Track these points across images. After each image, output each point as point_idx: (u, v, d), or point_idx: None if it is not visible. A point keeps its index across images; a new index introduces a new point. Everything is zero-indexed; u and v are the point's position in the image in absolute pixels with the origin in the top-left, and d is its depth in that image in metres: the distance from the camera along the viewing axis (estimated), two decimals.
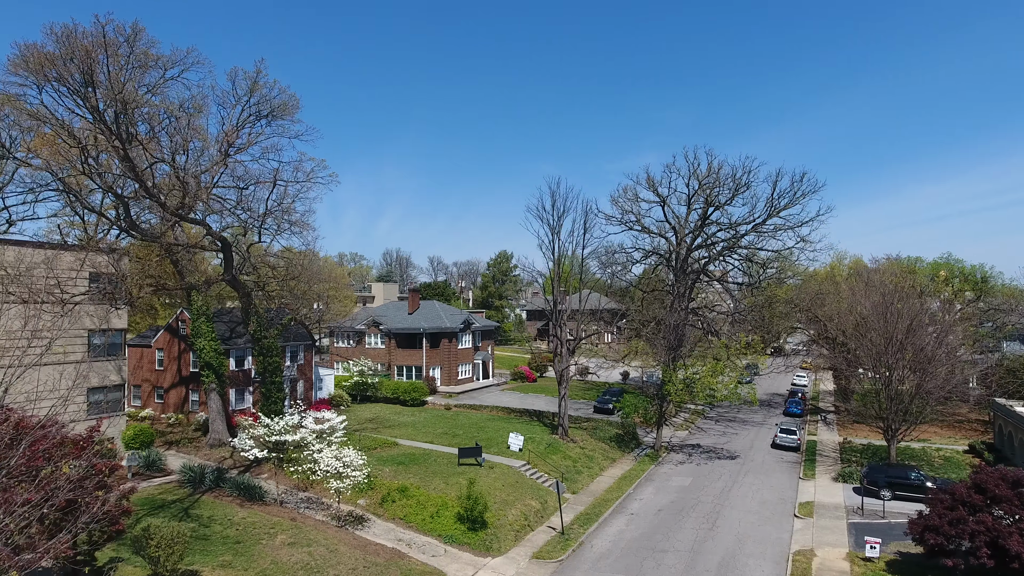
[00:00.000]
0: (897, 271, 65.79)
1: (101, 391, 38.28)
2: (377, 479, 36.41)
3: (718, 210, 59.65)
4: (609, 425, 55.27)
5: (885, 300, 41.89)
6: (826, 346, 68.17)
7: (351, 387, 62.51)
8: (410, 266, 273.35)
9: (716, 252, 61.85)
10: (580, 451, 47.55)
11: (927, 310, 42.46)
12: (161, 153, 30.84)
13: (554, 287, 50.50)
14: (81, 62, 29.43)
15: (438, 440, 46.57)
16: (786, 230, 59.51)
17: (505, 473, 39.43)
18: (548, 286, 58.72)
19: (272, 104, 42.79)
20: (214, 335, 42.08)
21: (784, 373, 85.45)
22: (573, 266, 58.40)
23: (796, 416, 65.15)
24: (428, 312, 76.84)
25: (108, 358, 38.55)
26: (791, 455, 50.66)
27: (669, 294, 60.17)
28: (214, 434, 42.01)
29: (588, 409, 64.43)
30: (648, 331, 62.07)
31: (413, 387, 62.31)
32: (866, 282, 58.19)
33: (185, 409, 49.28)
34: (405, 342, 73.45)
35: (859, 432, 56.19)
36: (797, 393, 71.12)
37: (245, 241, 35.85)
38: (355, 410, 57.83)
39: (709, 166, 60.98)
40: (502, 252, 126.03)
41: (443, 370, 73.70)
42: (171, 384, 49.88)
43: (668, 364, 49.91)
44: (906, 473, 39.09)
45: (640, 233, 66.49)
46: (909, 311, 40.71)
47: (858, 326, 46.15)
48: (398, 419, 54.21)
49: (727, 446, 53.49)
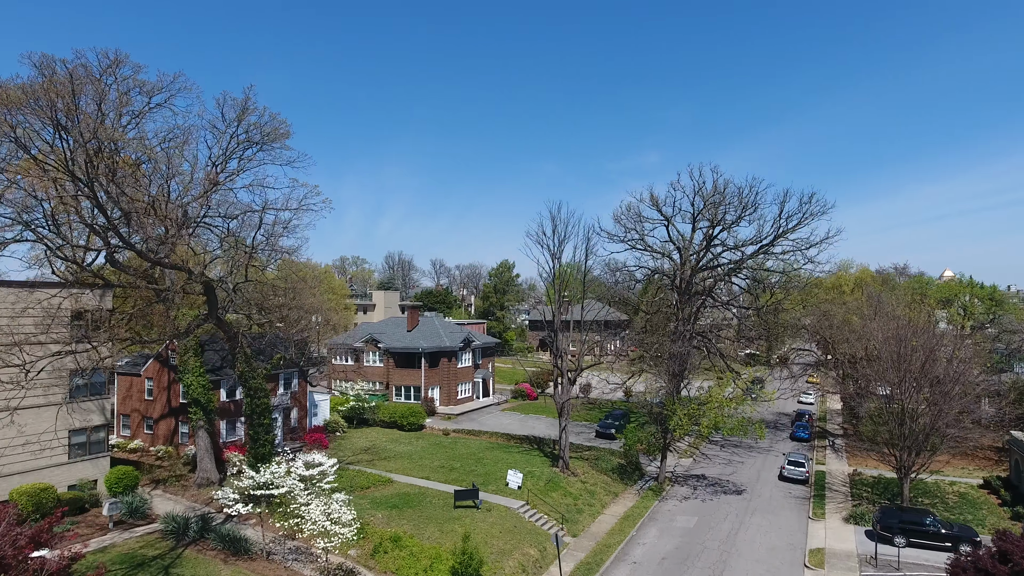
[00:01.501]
0: (909, 297, 63.96)
1: (83, 432, 36.91)
2: (369, 526, 34.91)
3: (724, 231, 58.06)
4: (611, 454, 53.73)
5: (899, 334, 40.29)
6: (834, 371, 66.46)
7: (347, 411, 61.09)
8: (412, 269, 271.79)
9: (721, 274, 60.24)
10: (581, 486, 46.03)
11: (942, 343, 40.73)
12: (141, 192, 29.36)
13: (555, 317, 48.92)
14: (48, 107, 27.94)
15: (435, 475, 45.09)
16: (794, 252, 57.98)
17: (503, 517, 37.93)
18: (550, 294, 57.40)
19: (262, 131, 41.40)
20: (202, 370, 40.68)
21: (789, 385, 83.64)
22: (576, 272, 56.81)
23: (803, 441, 63.52)
24: (427, 329, 75.38)
25: (91, 398, 37.19)
26: (799, 488, 49.07)
27: (673, 317, 58.56)
28: (202, 472, 40.60)
29: (590, 433, 62.94)
30: (652, 353, 60.55)
31: (410, 411, 60.86)
32: (876, 307, 56.45)
33: (175, 441, 47.89)
34: (403, 361, 72.02)
35: (869, 461, 54.55)
36: (804, 415, 69.42)
37: (232, 279, 34.39)
38: (351, 437, 56.43)
39: (714, 185, 59.40)
40: (503, 262, 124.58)
41: (442, 390, 72.28)
42: (161, 415, 48.49)
43: (671, 394, 48.33)
44: (921, 519, 37.45)
45: (643, 252, 65.03)
46: (924, 346, 39.09)
47: (870, 360, 44.51)
48: (394, 448, 52.78)
49: (733, 477, 51.90)
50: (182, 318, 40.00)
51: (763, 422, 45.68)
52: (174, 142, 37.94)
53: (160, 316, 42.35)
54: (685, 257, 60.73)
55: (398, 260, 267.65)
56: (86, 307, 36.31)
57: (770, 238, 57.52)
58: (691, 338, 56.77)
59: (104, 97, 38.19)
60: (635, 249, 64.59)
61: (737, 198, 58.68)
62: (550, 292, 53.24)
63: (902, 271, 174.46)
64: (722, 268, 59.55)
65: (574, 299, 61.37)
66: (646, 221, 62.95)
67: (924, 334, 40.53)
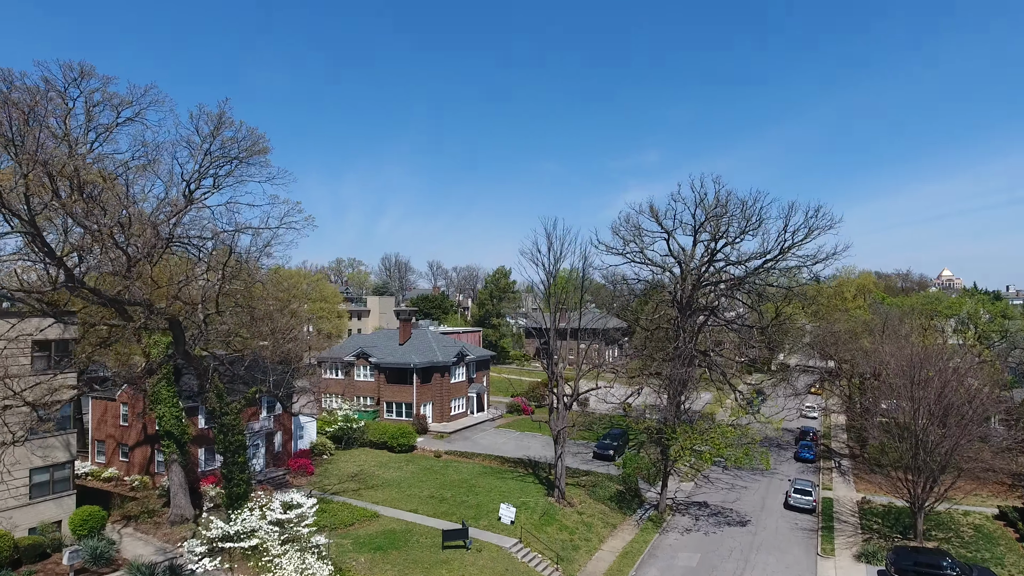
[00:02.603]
0: (919, 318, 61.67)
1: (46, 471, 34.57)
2: (350, 573, 32.65)
3: (728, 246, 55.75)
4: (609, 480, 51.50)
5: (913, 361, 38.13)
6: (839, 389, 64.21)
7: (335, 432, 58.77)
8: (409, 271, 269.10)
9: (724, 290, 57.92)
10: (578, 518, 43.79)
11: (958, 374, 38.55)
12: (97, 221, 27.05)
13: (551, 342, 46.64)
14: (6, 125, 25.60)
15: (424, 507, 42.82)
16: (799, 268, 55.71)
17: (494, 558, 35.66)
18: (544, 309, 55.27)
19: (240, 146, 39.08)
20: (176, 400, 38.36)
21: (794, 404, 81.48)
22: (574, 289, 54.65)
23: (808, 462, 61.34)
24: (420, 343, 73.08)
25: (54, 433, 34.83)
26: (806, 519, 46.88)
27: (673, 336, 56.25)
28: (176, 509, 38.28)
29: (587, 454, 60.75)
30: (651, 370, 58.36)
31: (401, 432, 58.59)
32: (884, 324, 54.19)
33: (151, 470, 45.56)
34: (395, 376, 69.75)
35: (878, 486, 52.31)
36: (808, 433, 67.21)
37: (202, 309, 32.16)
38: (338, 461, 54.14)
39: (716, 196, 57.12)
40: (500, 269, 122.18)
41: (435, 406, 70.05)
42: (136, 442, 46.16)
43: (672, 420, 46.09)
44: (938, 561, 35.24)
45: (642, 265, 62.77)
46: (940, 376, 36.93)
47: (879, 381, 42.32)
48: (383, 474, 50.51)
49: (736, 505, 49.67)
50: (154, 346, 37.66)
51: (767, 450, 43.44)
52: (140, 161, 35.64)
53: (119, 352, 40.02)
54: (686, 272, 58.41)
55: (395, 262, 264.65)
56: (48, 337, 33.99)
57: (774, 253, 55.21)
58: (692, 357, 54.51)
59: (69, 112, 35.98)
60: (634, 262, 62.35)
61: (740, 210, 56.48)
62: (545, 309, 51.15)
63: (905, 277, 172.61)
64: (725, 284, 57.25)
65: (570, 306, 59.29)
66: (646, 234, 60.63)
67: (939, 361, 38.36)
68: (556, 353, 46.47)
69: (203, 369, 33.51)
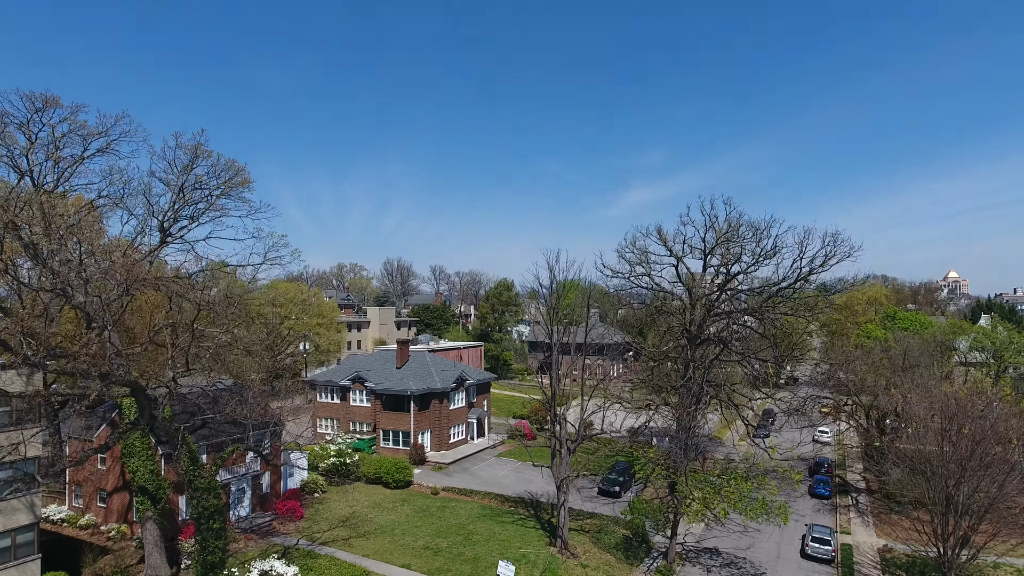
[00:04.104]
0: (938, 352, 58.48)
1: (7, 535, 32.07)
2: None
3: (740, 274, 52.91)
4: (615, 523, 48.81)
5: (944, 417, 35.30)
6: (855, 423, 61.26)
7: (329, 467, 56.19)
8: (411, 275, 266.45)
9: (735, 320, 55.12)
10: (581, 571, 41.05)
11: (994, 426, 35.67)
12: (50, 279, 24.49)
13: (552, 384, 43.92)
14: None
15: (417, 562, 40.16)
16: (816, 298, 52.94)
17: None
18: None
19: (218, 179, 36.49)
20: (150, 453, 35.81)
21: (807, 435, 78.52)
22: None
23: (824, 499, 58.45)
24: (417, 368, 70.45)
25: (17, 495, 32.33)
26: (825, 569, 44.00)
27: (680, 371, 53.46)
28: (150, 570, 35.68)
29: (591, 489, 58.05)
30: (659, 400, 55.62)
31: (396, 467, 55.93)
32: (904, 358, 51.23)
33: (129, 517, 43.05)
34: (392, 403, 67.13)
35: (900, 528, 49.49)
36: (823, 465, 64.28)
37: (171, 366, 29.62)
38: (330, 501, 51.48)
39: (728, 220, 54.29)
40: (502, 281, 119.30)
41: (433, 434, 67.43)
42: (115, 487, 43.68)
43: (681, 467, 43.24)
44: None
45: (649, 291, 60.03)
46: (975, 432, 34.06)
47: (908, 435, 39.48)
48: (376, 518, 47.86)
49: (750, 553, 46.84)
50: (128, 409, 35.11)
51: (785, 504, 40.58)
52: (113, 190, 33.12)
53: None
54: (696, 299, 55.60)
55: (397, 266, 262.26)
56: (7, 389, 31.43)
57: (790, 281, 52.38)
58: (702, 392, 51.73)
59: (31, 147, 33.41)
60: (640, 287, 59.64)
61: (753, 233, 53.70)
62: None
63: (916, 291, 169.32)
64: (736, 315, 54.39)
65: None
66: (653, 258, 57.80)
67: (973, 411, 35.48)
68: (558, 407, 43.73)
69: (171, 433, 30.89)
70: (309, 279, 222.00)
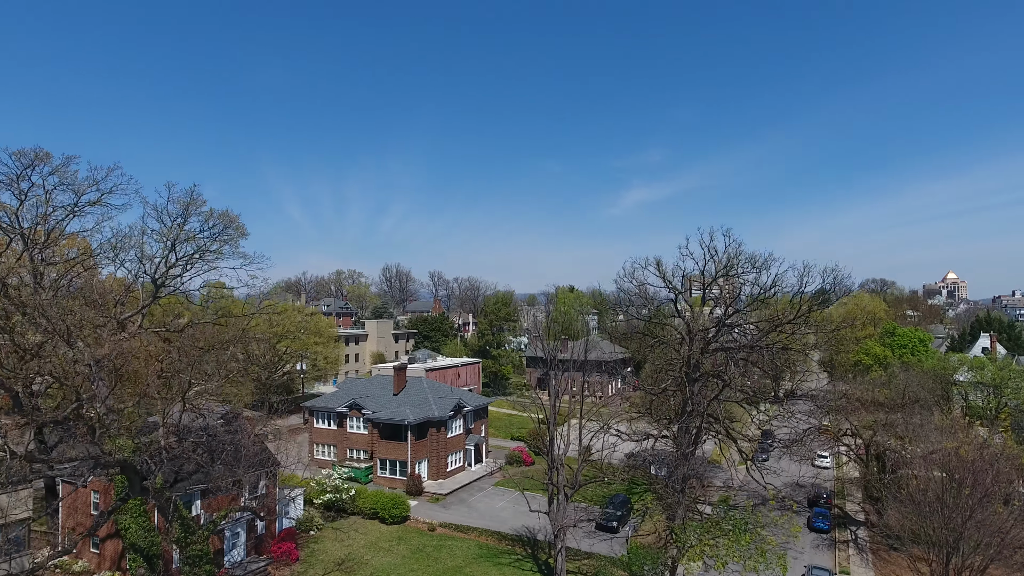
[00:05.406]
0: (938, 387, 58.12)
1: None
2: None
3: (736, 313, 52.66)
4: (613, 565, 48.49)
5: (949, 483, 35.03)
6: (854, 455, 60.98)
7: (325, 503, 55.85)
8: (410, 281, 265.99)
9: (733, 356, 54.78)
10: None
11: (996, 478, 35.41)
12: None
13: (550, 428, 43.60)
14: None
15: None
16: (814, 333, 52.62)
17: None
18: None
19: (212, 231, 36.14)
20: (143, 508, 35.47)
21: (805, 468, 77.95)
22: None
23: (823, 532, 58.17)
24: (415, 394, 70.14)
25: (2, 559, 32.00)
26: None
27: (677, 408, 53.20)
28: None
29: (588, 524, 57.64)
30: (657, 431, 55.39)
31: (393, 502, 55.62)
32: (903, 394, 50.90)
33: (123, 565, 42.67)
34: (389, 432, 66.82)
35: (899, 568, 49.22)
36: (821, 497, 63.96)
37: (163, 435, 29.26)
38: (325, 540, 51.08)
39: (727, 253, 54.01)
40: (499, 294, 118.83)
41: (431, 463, 67.13)
42: (108, 534, 43.20)
43: (680, 517, 42.96)
44: None
45: (647, 323, 59.81)
46: (976, 491, 33.79)
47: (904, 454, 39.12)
48: (372, 559, 47.55)
49: None
50: (119, 450, 34.71)
51: (785, 555, 40.26)
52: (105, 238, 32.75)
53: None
54: (694, 333, 55.28)
55: (395, 272, 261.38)
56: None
57: (788, 319, 52.13)
58: (700, 430, 51.51)
59: (21, 206, 33.00)
60: (639, 319, 59.45)
61: (751, 266, 53.51)
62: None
63: (917, 301, 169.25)
64: (735, 351, 54.04)
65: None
66: (651, 290, 57.50)
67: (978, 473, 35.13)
68: (556, 443, 43.43)
69: (164, 502, 30.54)
70: (307, 285, 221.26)
